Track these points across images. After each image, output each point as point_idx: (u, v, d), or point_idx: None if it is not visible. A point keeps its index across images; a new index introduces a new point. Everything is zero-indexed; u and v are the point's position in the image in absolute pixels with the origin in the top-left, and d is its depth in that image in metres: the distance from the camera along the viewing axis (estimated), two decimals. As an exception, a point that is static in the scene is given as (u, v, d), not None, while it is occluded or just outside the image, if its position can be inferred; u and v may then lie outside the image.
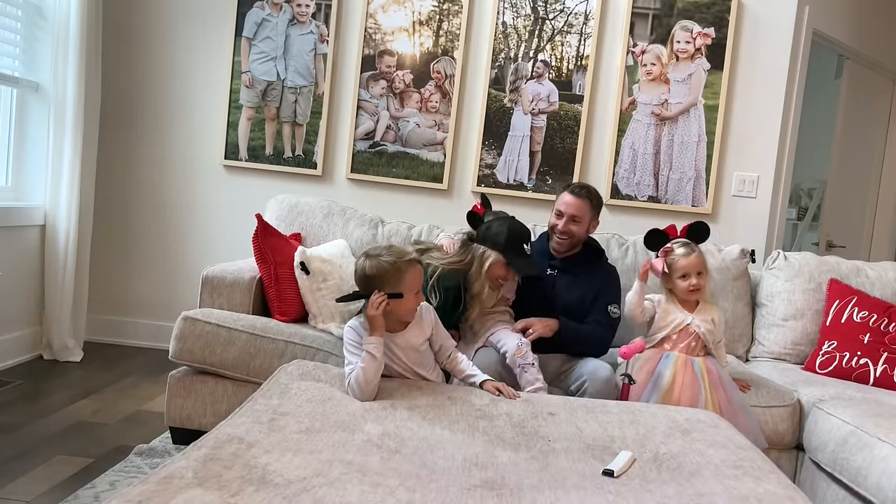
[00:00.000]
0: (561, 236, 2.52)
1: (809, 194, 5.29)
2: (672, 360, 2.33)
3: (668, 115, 3.57)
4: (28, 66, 3.35)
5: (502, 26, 3.60)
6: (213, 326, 2.39)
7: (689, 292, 2.38)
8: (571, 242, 2.53)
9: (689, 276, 2.37)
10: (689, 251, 2.39)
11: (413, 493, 1.29)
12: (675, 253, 2.40)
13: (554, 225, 2.54)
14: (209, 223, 3.77)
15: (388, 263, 1.91)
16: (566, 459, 1.54)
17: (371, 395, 1.83)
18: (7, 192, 3.33)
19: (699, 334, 2.38)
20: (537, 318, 2.39)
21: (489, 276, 2.30)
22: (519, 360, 2.25)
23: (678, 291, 2.41)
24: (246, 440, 1.46)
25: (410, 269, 1.94)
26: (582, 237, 2.55)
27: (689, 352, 2.36)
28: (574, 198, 2.50)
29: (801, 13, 3.57)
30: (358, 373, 1.84)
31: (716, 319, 2.43)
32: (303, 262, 2.60)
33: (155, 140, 3.77)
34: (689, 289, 2.37)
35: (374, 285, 1.91)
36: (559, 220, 2.51)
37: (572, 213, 2.49)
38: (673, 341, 2.39)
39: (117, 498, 1.18)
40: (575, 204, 2.49)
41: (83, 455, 2.34)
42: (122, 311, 3.80)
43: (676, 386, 2.27)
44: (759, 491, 1.43)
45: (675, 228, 2.48)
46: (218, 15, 3.69)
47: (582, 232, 2.52)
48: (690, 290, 2.38)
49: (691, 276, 2.37)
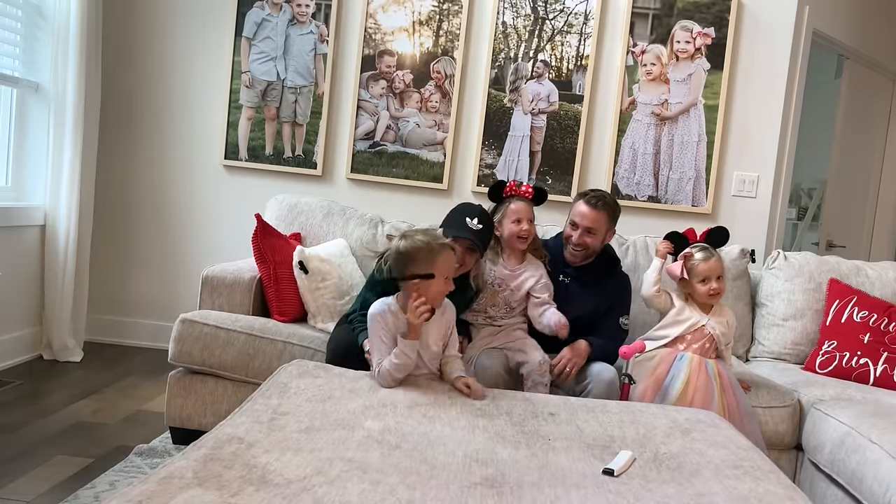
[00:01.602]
0: (576, 248, 2.47)
1: (809, 194, 5.29)
2: (687, 361, 2.30)
3: (668, 114, 3.57)
4: (28, 66, 3.35)
5: (502, 26, 3.60)
6: (211, 328, 2.39)
7: (710, 296, 2.36)
8: (586, 254, 2.49)
9: (709, 280, 2.35)
10: (708, 255, 2.37)
11: (413, 491, 1.29)
12: (694, 258, 2.38)
13: (569, 236, 2.48)
14: (209, 223, 3.77)
15: (423, 243, 1.93)
16: (566, 458, 1.54)
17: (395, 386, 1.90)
18: (7, 192, 3.33)
19: (713, 336, 2.36)
20: (569, 348, 2.34)
21: None
22: (538, 377, 2.26)
23: (697, 296, 2.38)
24: (246, 440, 1.46)
25: (443, 252, 1.95)
26: (597, 249, 2.50)
27: (703, 353, 2.35)
28: (590, 209, 2.43)
29: (801, 13, 3.57)
30: (392, 367, 1.88)
31: (730, 322, 2.42)
32: (301, 261, 2.60)
33: (155, 140, 3.77)
34: (710, 293, 2.35)
35: (407, 265, 1.93)
36: (574, 231, 2.46)
37: (588, 225, 2.43)
38: (687, 342, 2.37)
39: (117, 498, 1.18)
40: (591, 216, 2.43)
41: (83, 455, 2.34)
42: (122, 311, 3.80)
43: (691, 388, 2.25)
44: (759, 491, 1.43)
45: (693, 232, 2.47)
46: (218, 15, 3.69)
47: (597, 244, 2.48)
48: (711, 294, 2.36)
49: (711, 280, 2.35)
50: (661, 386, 2.28)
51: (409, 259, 1.93)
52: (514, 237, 2.37)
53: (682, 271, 2.38)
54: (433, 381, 1.99)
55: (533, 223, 2.39)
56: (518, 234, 2.36)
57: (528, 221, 2.37)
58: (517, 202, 2.38)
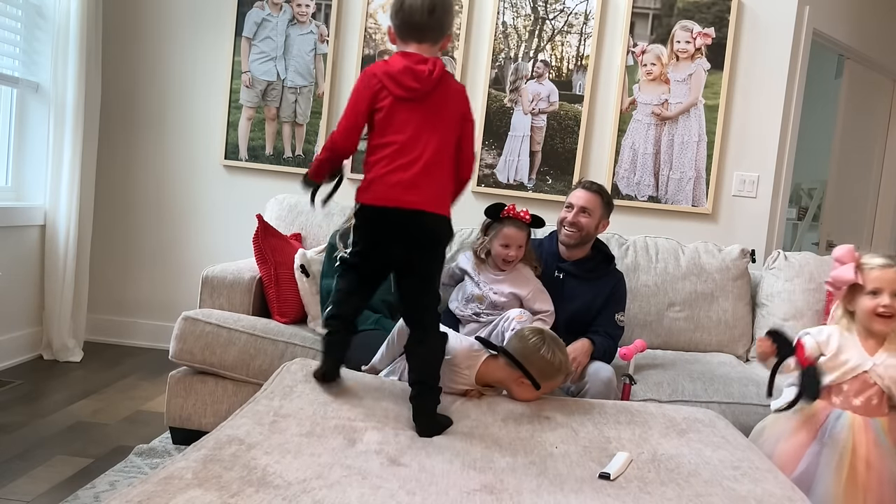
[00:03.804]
0: (570, 228, 2.49)
1: (809, 194, 5.29)
2: (846, 422, 1.71)
3: (668, 114, 3.57)
4: (28, 66, 3.35)
5: (502, 26, 3.60)
6: (213, 327, 2.40)
7: (876, 316, 1.79)
8: (581, 236, 2.50)
9: (880, 292, 1.79)
10: (889, 262, 1.84)
11: (413, 497, 1.29)
12: (870, 262, 1.85)
13: (563, 218, 2.52)
14: (209, 223, 3.77)
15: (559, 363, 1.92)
16: (564, 464, 1.54)
17: None
18: (7, 192, 3.33)
19: (881, 386, 1.75)
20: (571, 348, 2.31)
21: None
22: (518, 325, 2.22)
23: (862, 316, 1.82)
24: (246, 441, 1.46)
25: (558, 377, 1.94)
26: (591, 232, 2.52)
27: (868, 411, 1.72)
28: (585, 191, 2.51)
29: (801, 13, 3.57)
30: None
31: None
32: (303, 264, 2.60)
33: (155, 140, 3.77)
34: (877, 311, 1.79)
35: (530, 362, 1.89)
36: (569, 212, 2.50)
37: (583, 204, 2.48)
38: (844, 393, 1.78)
39: (117, 498, 1.18)
40: (586, 196, 2.50)
41: (83, 455, 2.34)
42: (122, 311, 3.80)
43: (860, 462, 1.65)
44: (757, 492, 1.43)
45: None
46: (218, 15, 3.68)
47: (592, 226, 2.50)
48: (878, 314, 1.79)
49: (884, 293, 1.79)
50: (804, 458, 1.70)
51: (535, 359, 1.89)
52: (499, 258, 2.42)
53: (857, 274, 1.83)
54: None
55: (523, 248, 2.42)
56: (504, 258, 2.40)
57: (518, 248, 2.40)
58: (511, 226, 2.40)
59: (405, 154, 1.77)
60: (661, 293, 2.96)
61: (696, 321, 2.96)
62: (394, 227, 1.77)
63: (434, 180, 1.78)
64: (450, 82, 1.85)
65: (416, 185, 1.75)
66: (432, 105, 1.80)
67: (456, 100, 1.85)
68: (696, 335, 2.96)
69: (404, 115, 1.78)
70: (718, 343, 2.96)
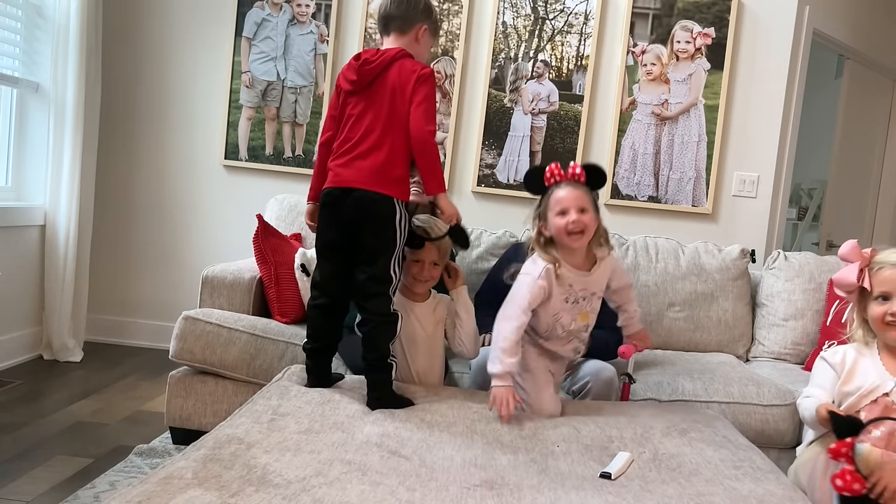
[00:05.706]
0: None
1: (809, 194, 5.29)
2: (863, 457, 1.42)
3: (668, 115, 3.57)
4: (28, 66, 3.35)
5: (502, 26, 3.60)
6: (213, 326, 2.39)
7: (886, 325, 1.55)
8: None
9: (890, 297, 1.55)
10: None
11: (413, 493, 1.29)
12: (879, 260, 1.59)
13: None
14: (209, 223, 3.77)
15: None
16: (565, 462, 1.54)
17: None
18: (7, 192, 3.33)
19: None
20: None
21: None
22: None
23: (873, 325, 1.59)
24: (245, 440, 1.46)
25: None
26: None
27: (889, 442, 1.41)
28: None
29: (801, 13, 3.57)
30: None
31: None
32: (303, 263, 2.60)
33: (155, 140, 3.76)
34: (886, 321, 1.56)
35: None
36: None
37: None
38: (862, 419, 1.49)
39: (117, 498, 1.18)
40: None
41: (83, 455, 2.34)
42: (122, 311, 3.80)
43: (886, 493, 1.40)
44: (759, 491, 1.43)
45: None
46: (218, 15, 3.68)
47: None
48: (887, 324, 1.55)
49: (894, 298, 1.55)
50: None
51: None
52: (561, 233, 1.90)
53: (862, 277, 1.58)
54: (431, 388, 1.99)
55: (588, 213, 1.91)
56: (567, 230, 1.89)
57: (578, 210, 1.88)
58: (563, 188, 1.92)
59: (347, 141, 1.93)
60: (661, 293, 2.96)
61: (696, 321, 2.96)
62: (333, 208, 1.92)
63: (370, 161, 1.89)
64: (402, 66, 1.92)
65: (350, 165, 1.91)
66: (374, 92, 1.92)
67: (401, 80, 1.92)
68: (696, 335, 2.96)
69: (351, 108, 1.95)
70: (718, 343, 2.97)
